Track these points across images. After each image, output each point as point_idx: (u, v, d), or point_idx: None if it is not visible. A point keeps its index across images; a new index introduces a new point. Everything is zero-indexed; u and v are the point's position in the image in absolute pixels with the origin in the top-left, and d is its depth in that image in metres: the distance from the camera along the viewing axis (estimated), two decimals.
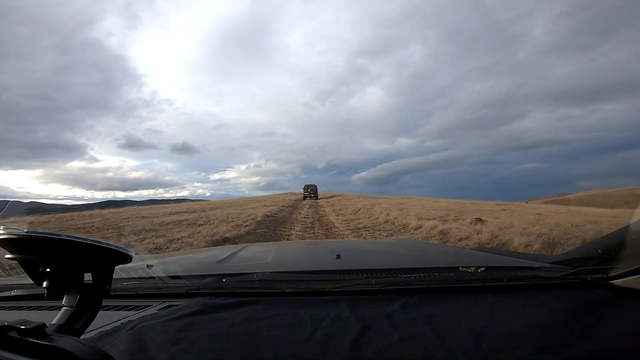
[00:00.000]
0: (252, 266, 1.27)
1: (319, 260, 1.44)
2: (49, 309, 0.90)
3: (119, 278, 0.98)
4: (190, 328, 0.64)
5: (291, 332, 0.61)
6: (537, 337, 0.55)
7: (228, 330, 0.63)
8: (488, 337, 0.56)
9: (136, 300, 0.91)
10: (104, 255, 0.52)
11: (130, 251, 0.54)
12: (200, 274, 1.07)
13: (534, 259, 1.12)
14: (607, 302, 0.68)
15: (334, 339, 0.57)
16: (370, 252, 1.66)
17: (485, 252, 1.55)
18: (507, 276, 0.85)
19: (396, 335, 0.57)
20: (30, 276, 0.51)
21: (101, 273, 0.54)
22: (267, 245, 2.74)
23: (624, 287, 0.69)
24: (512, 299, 0.73)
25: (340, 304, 0.73)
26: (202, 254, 2.08)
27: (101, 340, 0.60)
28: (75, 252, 0.49)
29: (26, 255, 0.49)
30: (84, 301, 0.52)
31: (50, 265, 0.50)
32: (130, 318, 0.74)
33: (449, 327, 0.60)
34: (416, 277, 0.87)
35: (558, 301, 0.70)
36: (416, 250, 1.73)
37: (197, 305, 0.76)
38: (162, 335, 0.61)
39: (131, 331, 0.62)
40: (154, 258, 1.54)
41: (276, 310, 0.71)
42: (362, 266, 1.15)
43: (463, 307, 0.69)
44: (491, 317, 0.64)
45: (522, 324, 0.60)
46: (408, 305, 0.71)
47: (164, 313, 0.74)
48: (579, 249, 1.18)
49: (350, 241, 5.05)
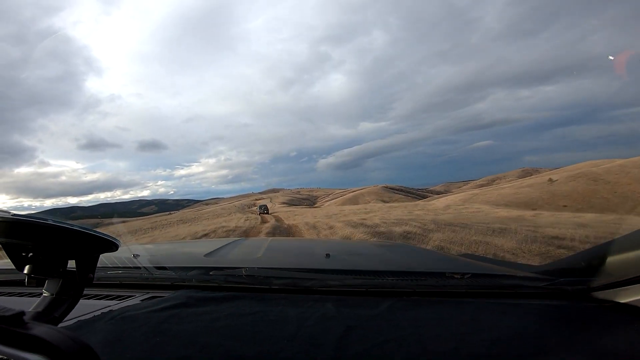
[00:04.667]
0: (241, 261, 1.35)
1: (308, 258, 1.47)
2: (28, 295, 0.91)
3: (104, 267, 1.01)
4: (173, 320, 0.63)
5: (276, 329, 0.61)
6: (517, 345, 0.56)
7: (212, 324, 0.62)
8: (469, 343, 0.56)
9: (120, 290, 0.92)
10: (89, 242, 0.52)
11: (117, 240, 0.53)
12: (187, 265, 1.10)
13: (519, 268, 1.11)
14: (587, 313, 0.67)
15: (318, 338, 0.57)
16: (359, 253, 1.68)
17: (472, 259, 1.45)
18: (491, 284, 0.87)
19: (380, 337, 0.58)
20: (12, 261, 0.50)
21: (85, 261, 0.54)
22: (256, 241, 2.64)
23: (604, 299, 0.69)
24: (495, 306, 0.73)
25: (327, 303, 0.73)
26: (191, 246, 2.24)
27: (80, 329, 0.60)
28: (61, 238, 0.49)
29: (10, 239, 0.48)
30: (65, 289, 0.52)
31: (34, 250, 0.50)
32: (112, 308, 0.75)
33: (432, 331, 0.60)
34: (403, 280, 0.88)
35: (539, 310, 0.70)
36: (405, 253, 1.71)
37: (181, 297, 0.76)
38: (144, 326, 0.60)
39: (111, 321, 0.62)
40: (141, 248, 1.48)
41: (262, 307, 0.71)
42: (351, 267, 1.17)
43: (447, 312, 0.69)
44: (473, 323, 0.64)
45: (503, 331, 0.60)
46: (394, 307, 0.70)
47: (147, 304, 0.73)
48: (562, 260, 1.08)
49: (340, 241, 5.02)
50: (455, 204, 13.80)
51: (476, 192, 53.36)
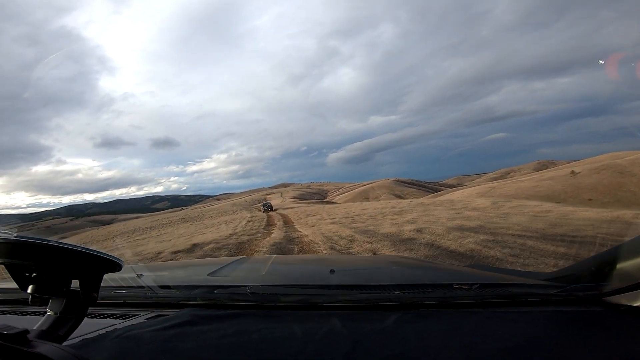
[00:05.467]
0: (245, 279, 1.31)
1: (313, 274, 1.44)
2: (33, 314, 0.91)
3: (108, 286, 1.00)
4: (178, 338, 0.63)
5: (282, 345, 0.60)
6: (529, 353, 0.55)
7: (217, 341, 0.62)
8: (479, 352, 0.55)
9: (124, 309, 0.91)
10: (92, 263, 0.52)
11: (120, 260, 0.54)
12: (191, 284, 1.08)
13: (528, 276, 1.09)
14: (600, 318, 0.66)
15: (325, 354, 0.57)
16: (364, 267, 1.64)
17: (479, 269, 1.41)
18: (500, 293, 0.85)
19: (387, 351, 0.57)
20: (16, 281, 0.51)
21: (89, 280, 0.54)
22: (259, 258, 2.62)
23: (617, 303, 0.68)
24: (505, 315, 0.72)
25: (333, 318, 0.72)
26: (194, 265, 2.09)
27: (84, 347, 0.60)
28: (64, 259, 0.49)
29: (14, 260, 0.48)
30: (69, 308, 0.52)
31: (38, 270, 0.50)
32: (116, 326, 0.74)
33: (441, 343, 0.59)
34: (409, 293, 0.87)
35: (550, 317, 0.69)
36: (410, 266, 1.68)
37: (186, 315, 0.75)
38: (149, 344, 0.60)
39: (116, 339, 0.62)
40: (144, 268, 1.48)
41: (267, 324, 0.71)
42: (356, 281, 1.17)
43: (455, 323, 0.69)
44: (483, 333, 0.63)
45: (514, 340, 0.59)
46: (401, 321, 0.70)
47: (152, 322, 0.73)
48: (572, 266, 1.01)
49: (345, 256, 4.95)
50: (498, 200, 11.35)
51: (493, 185, 52.20)
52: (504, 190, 39.58)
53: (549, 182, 39.16)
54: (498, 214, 8.88)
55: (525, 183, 42.66)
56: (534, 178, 47.97)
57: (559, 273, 0.95)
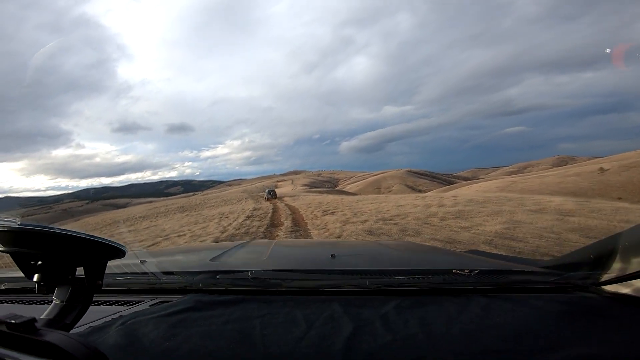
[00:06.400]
0: (247, 264, 1.29)
1: (314, 259, 1.44)
2: (39, 302, 0.91)
3: (112, 273, 1.00)
4: (182, 324, 0.64)
5: (284, 330, 0.61)
6: (528, 340, 0.56)
7: (221, 327, 0.63)
8: (479, 339, 0.56)
9: (128, 296, 0.92)
10: (96, 250, 0.52)
11: (123, 246, 0.54)
12: (194, 270, 1.06)
13: (527, 263, 1.10)
14: (597, 307, 0.67)
15: (327, 339, 0.57)
16: (365, 252, 1.64)
17: (478, 255, 1.39)
18: (499, 280, 0.85)
19: (389, 336, 0.58)
20: (22, 269, 0.51)
21: (93, 268, 0.55)
22: (261, 244, 2.48)
23: (615, 292, 0.69)
24: (504, 302, 0.72)
25: (334, 303, 0.73)
26: (197, 250, 2.06)
27: (91, 335, 0.60)
28: (68, 246, 0.50)
29: (18, 248, 0.49)
30: (75, 295, 0.53)
31: (42, 258, 0.51)
32: (122, 313, 0.74)
33: (441, 329, 0.60)
34: (410, 278, 0.86)
35: (549, 305, 0.69)
36: (410, 251, 1.69)
37: (190, 301, 0.76)
38: (154, 331, 0.61)
39: (122, 326, 0.62)
40: (147, 254, 1.45)
41: (270, 309, 0.71)
42: (357, 267, 1.16)
43: (455, 309, 0.69)
44: (482, 320, 0.64)
45: (513, 327, 0.60)
46: (401, 306, 0.71)
47: (156, 309, 0.73)
48: (571, 254, 0.98)
49: (346, 241, 4.92)
50: (576, 199, 9.04)
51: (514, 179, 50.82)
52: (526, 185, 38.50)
53: (575, 178, 37.83)
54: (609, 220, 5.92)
55: (550, 178, 41.31)
56: (558, 174, 46.41)
57: (558, 261, 0.95)
